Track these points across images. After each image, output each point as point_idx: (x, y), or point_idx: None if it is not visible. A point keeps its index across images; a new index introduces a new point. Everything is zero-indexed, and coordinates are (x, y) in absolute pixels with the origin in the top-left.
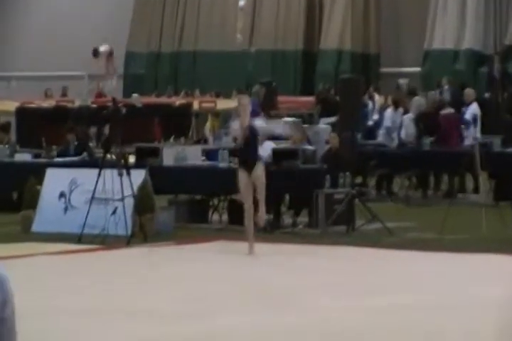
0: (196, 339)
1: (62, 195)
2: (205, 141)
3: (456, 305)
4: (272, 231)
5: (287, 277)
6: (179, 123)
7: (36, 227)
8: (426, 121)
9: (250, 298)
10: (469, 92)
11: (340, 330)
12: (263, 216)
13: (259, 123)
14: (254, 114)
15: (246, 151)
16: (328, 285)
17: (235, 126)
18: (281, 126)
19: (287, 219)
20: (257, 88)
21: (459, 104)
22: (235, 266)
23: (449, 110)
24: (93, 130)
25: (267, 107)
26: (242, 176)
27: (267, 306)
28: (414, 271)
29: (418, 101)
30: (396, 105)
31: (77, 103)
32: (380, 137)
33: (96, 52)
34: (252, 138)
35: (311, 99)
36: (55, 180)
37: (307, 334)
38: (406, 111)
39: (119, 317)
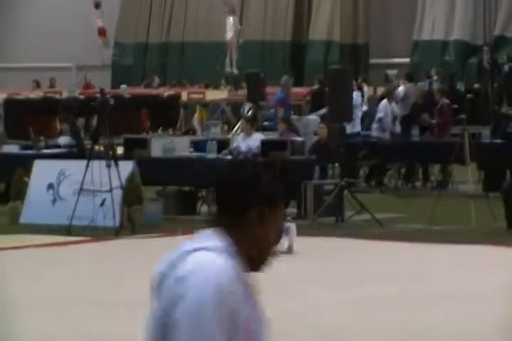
0: None
1: (50, 186)
2: (194, 132)
3: (445, 296)
4: None
5: (275, 267)
6: (167, 115)
7: (24, 219)
8: (416, 112)
9: None
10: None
11: (327, 320)
12: None
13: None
14: (284, 103)
15: None
16: (317, 275)
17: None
18: None
19: None
20: (285, 79)
21: (454, 94)
22: None
23: (443, 101)
24: (81, 121)
25: (255, 98)
26: None
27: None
28: (402, 262)
29: (404, 91)
30: (388, 98)
31: (65, 94)
32: (373, 131)
33: (98, 5)
34: None
35: (300, 90)
36: (43, 172)
37: (294, 323)
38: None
39: (105, 307)
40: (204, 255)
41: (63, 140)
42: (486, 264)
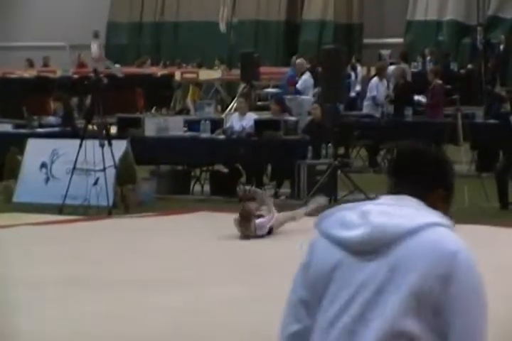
0: (179, 309)
1: (43, 165)
2: (187, 112)
3: None
4: None
5: (270, 247)
6: (161, 94)
7: (17, 198)
8: (407, 92)
9: (234, 268)
10: (301, 62)
11: None
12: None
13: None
14: (294, 82)
15: None
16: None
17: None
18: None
19: (269, 190)
20: (295, 58)
21: (447, 74)
22: (217, 236)
23: (436, 81)
24: (75, 100)
25: (248, 78)
26: None
27: (250, 276)
28: None
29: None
30: (380, 75)
31: (59, 73)
32: (365, 108)
33: (96, 35)
34: None
35: None
36: (36, 151)
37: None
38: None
39: (99, 286)
40: (448, 232)
41: (52, 120)
42: (479, 244)
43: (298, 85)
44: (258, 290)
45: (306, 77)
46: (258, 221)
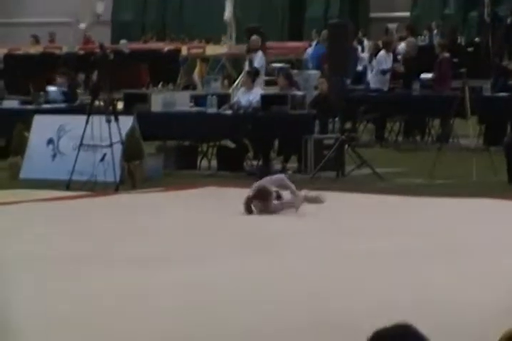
0: (186, 284)
1: (50, 141)
2: (194, 87)
3: (445, 249)
4: (262, 177)
5: (277, 222)
6: (167, 69)
7: (24, 174)
8: (415, 66)
9: (241, 244)
10: (255, 39)
11: (328, 274)
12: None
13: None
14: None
15: None
16: (317, 229)
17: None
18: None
19: (277, 165)
20: (325, 33)
21: (455, 48)
22: (224, 211)
23: (443, 55)
24: (81, 76)
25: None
26: None
27: (257, 251)
28: (403, 216)
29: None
30: (387, 48)
31: (65, 49)
32: (372, 82)
33: None
34: None
35: (299, 44)
36: (43, 127)
37: (296, 278)
38: (395, 56)
39: (108, 262)
40: None
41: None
42: (487, 217)
43: (256, 63)
44: (265, 264)
45: (261, 54)
46: (276, 203)
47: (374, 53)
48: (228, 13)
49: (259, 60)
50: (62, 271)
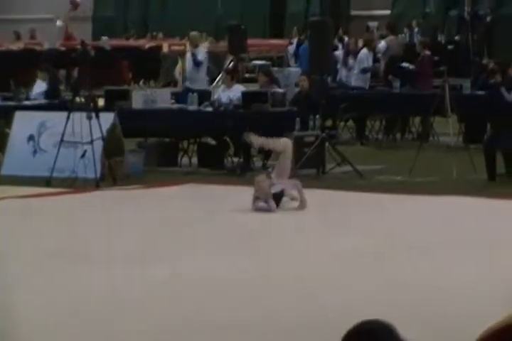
0: (162, 282)
1: (31, 138)
2: (175, 84)
3: (426, 247)
4: (242, 174)
5: (257, 220)
6: (149, 66)
7: (5, 170)
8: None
9: (221, 241)
10: (194, 35)
11: (307, 274)
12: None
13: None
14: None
15: None
16: (297, 228)
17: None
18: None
19: (257, 162)
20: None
21: (435, 46)
22: (205, 209)
23: (424, 53)
24: (62, 73)
25: (236, 50)
26: None
27: (236, 249)
28: (384, 214)
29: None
30: (368, 46)
31: (46, 46)
32: (354, 80)
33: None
34: None
35: (280, 41)
36: (23, 123)
37: (283, 275)
38: (375, 54)
39: (86, 259)
40: None
41: (39, 87)
42: (467, 215)
43: (199, 57)
44: (245, 260)
45: (203, 49)
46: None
47: (353, 51)
48: None
49: (202, 53)
50: (41, 268)
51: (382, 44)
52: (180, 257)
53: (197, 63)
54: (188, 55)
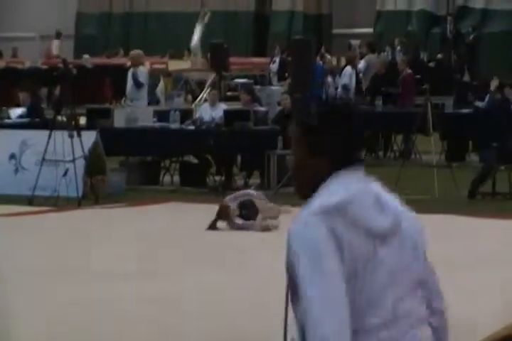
0: (143, 300)
1: (12, 156)
2: (157, 102)
3: None
4: (224, 192)
5: (238, 238)
6: None
7: None
8: (379, 82)
9: (201, 260)
10: (136, 54)
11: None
12: None
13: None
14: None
15: None
16: (282, 245)
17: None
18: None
19: (239, 181)
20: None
21: (417, 64)
22: (186, 227)
23: (406, 71)
24: (44, 91)
25: (218, 68)
26: None
27: (218, 267)
28: None
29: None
30: (351, 64)
31: (28, 64)
32: (337, 97)
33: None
34: None
35: (263, 60)
36: (5, 142)
37: (258, 293)
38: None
39: (69, 277)
40: None
41: (19, 112)
42: (448, 233)
43: (141, 79)
44: (229, 278)
45: (144, 69)
46: (240, 223)
47: (336, 69)
48: (195, 42)
49: (144, 74)
50: (24, 285)
51: (361, 64)
52: (162, 275)
53: (138, 85)
54: (130, 74)
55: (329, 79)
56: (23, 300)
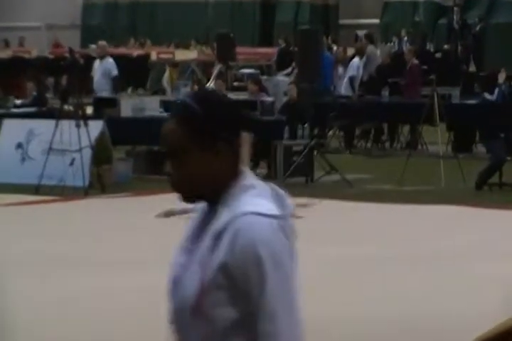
0: (149, 288)
1: (19, 145)
2: (163, 92)
3: (415, 256)
4: None
5: None
6: (137, 74)
7: None
8: (385, 73)
9: None
10: (103, 45)
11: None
12: None
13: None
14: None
15: None
16: None
17: None
18: None
19: None
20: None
21: (424, 55)
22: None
23: (413, 61)
24: (51, 81)
25: (225, 58)
26: None
27: None
28: (372, 223)
29: (371, 51)
30: (360, 55)
31: (35, 53)
32: (343, 88)
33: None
34: None
35: (269, 50)
36: (12, 131)
37: None
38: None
39: (76, 266)
40: None
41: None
42: (455, 224)
43: (114, 72)
44: None
45: (111, 60)
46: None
47: (342, 60)
48: None
49: (114, 65)
50: (32, 274)
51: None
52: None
53: (113, 76)
54: (97, 64)
55: (340, 70)
56: (30, 287)
